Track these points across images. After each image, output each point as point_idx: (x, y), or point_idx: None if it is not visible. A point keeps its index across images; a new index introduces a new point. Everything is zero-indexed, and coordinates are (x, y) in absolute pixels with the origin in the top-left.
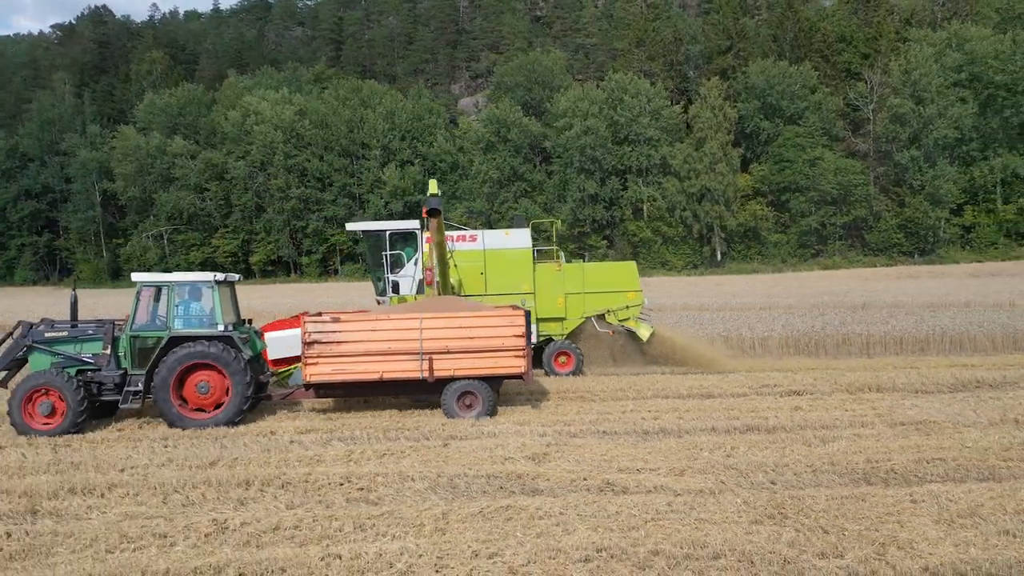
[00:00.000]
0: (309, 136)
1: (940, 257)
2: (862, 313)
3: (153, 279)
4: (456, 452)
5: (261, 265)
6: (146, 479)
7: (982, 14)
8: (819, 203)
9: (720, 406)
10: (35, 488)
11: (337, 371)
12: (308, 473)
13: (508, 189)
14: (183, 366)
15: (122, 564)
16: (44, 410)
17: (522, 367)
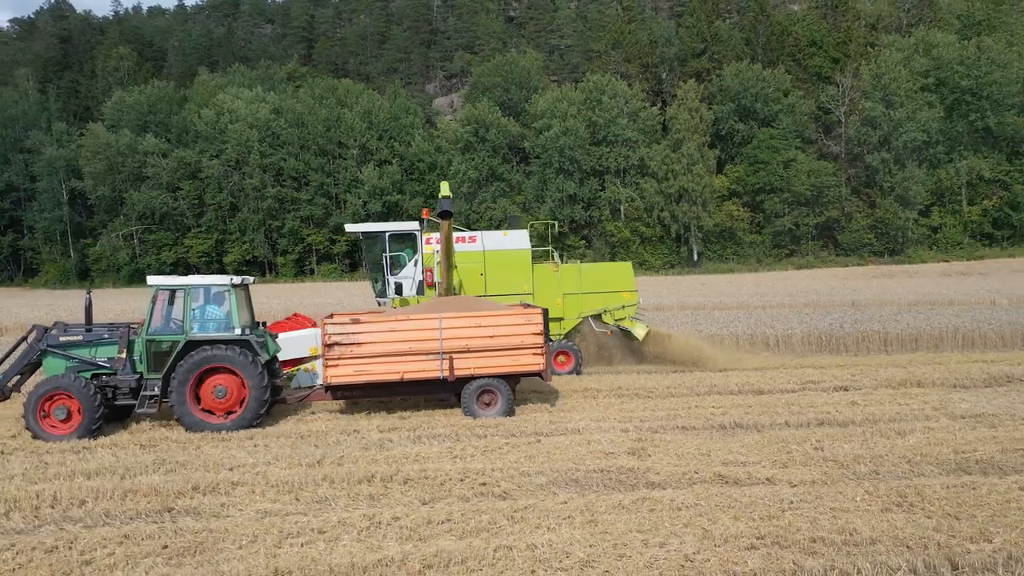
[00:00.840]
0: (285, 135)
1: (909, 257)
2: (856, 312)
3: (169, 282)
4: (553, 448)
5: (235, 265)
6: (265, 478)
7: (945, 21)
8: (793, 204)
9: (778, 402)
10: (160, 488)
11: (358, 372)
12: (422, 469)
13: (486, 189)
14: (200, 370)
15: (298, 558)
16: (60, 415)
17: (541, 365)
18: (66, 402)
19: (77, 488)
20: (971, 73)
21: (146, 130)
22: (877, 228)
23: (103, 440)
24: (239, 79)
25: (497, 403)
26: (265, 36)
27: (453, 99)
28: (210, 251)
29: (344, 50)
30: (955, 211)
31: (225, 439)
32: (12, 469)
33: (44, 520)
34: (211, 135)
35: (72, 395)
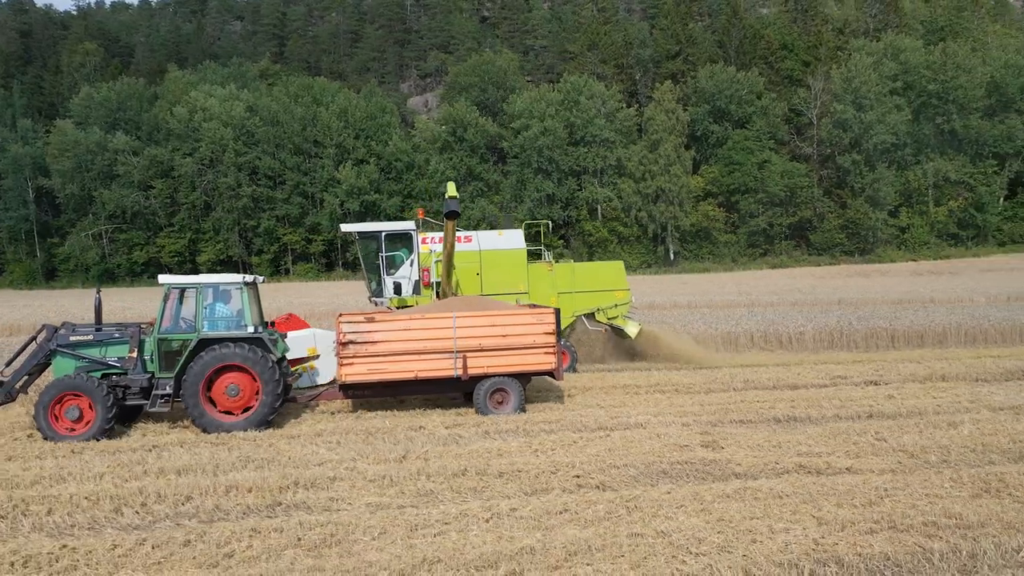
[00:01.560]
0: (260, 133)
1: (878, 256)
2: (845, 309)
3: (181, 281)
4: (625, 441)
5: (209, 265)
6: (357, 473)
7: (910, 26)
8: (767, 204)
9: (817, 396)
10: (259, 484)
11: (373, 371)
12: (511, 463)
13: (464, 189)
14: (213, 369)
15: (436, 548)
16: (72, 415)
17: (553, 363)
18: (78, 402)
19: (176, 485)
20: (937, 77)
21: (116, 127)
22: (848, 228)
23: (147, 439)
24: (211, 76)
25: (509, 401)
26: (234, 33)
27: (428, 98)
28: (183, 251)
29: (316, 48)
30: (922, 212)
31: (294, 436)
32: (96, 468)
33: (157, 516)
34: (184, 133)
35: (85, 395)
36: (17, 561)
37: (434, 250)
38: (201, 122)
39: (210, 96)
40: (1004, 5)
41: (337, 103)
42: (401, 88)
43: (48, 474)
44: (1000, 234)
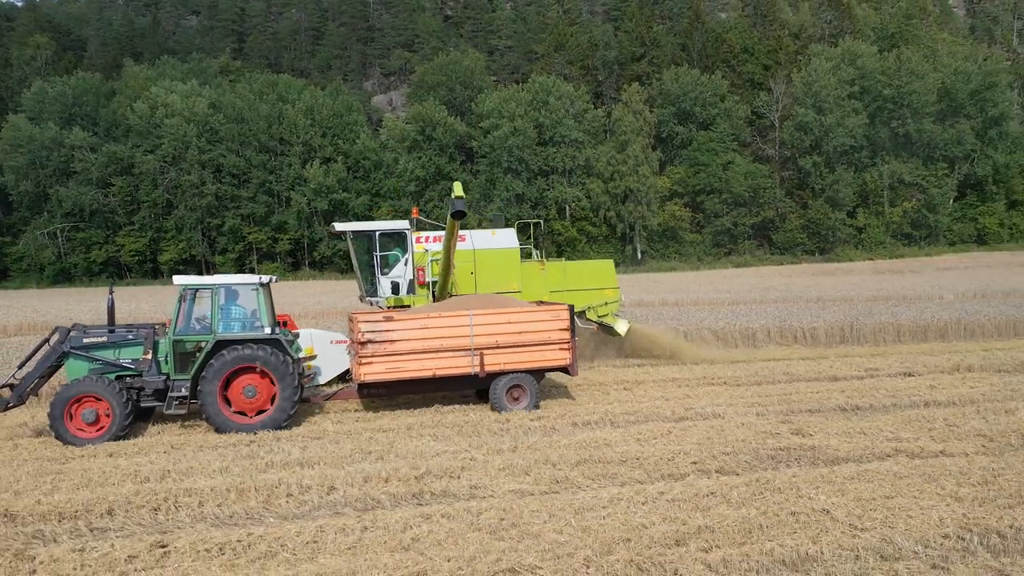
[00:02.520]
0: (224, 131)
1: (837, 256)
2: (830, 306)
3: (196, 282)
4: (716, 430)
5: (171, 265)
6: (483, 462)
7: (862, 33)
8: (731, 205)
9: (863, 387)
10: (392, 474)
11: (391, 370)
12: (625, 452)
13: (433, 188)
14: (230, 370)
15: (618, 528)
16: (88, 418)
17: (567, 359)
18: (94, 405)
19: (310, 476)
20: (892, 83)
21: (72, 123)
22: (809, 228)
23: (220, 437)
24: (170, 72)
25: (525, 397)
26: (190, 28)
27: (392, 97)
28: (144, 250)
29: (277, 44)
30: (878, 212)
31: (391, 430)
32: (218, 463)
33: (312, 505)
34: (145, 129)
35: (101, 398)
36: (211, 548)
37: (428, 249)
38: (163, 118)
39: (171, 92)
40: (948, 14)
41: (303, 100)
42: (364, 86)
43: (171, 468)
44: (951, 234)
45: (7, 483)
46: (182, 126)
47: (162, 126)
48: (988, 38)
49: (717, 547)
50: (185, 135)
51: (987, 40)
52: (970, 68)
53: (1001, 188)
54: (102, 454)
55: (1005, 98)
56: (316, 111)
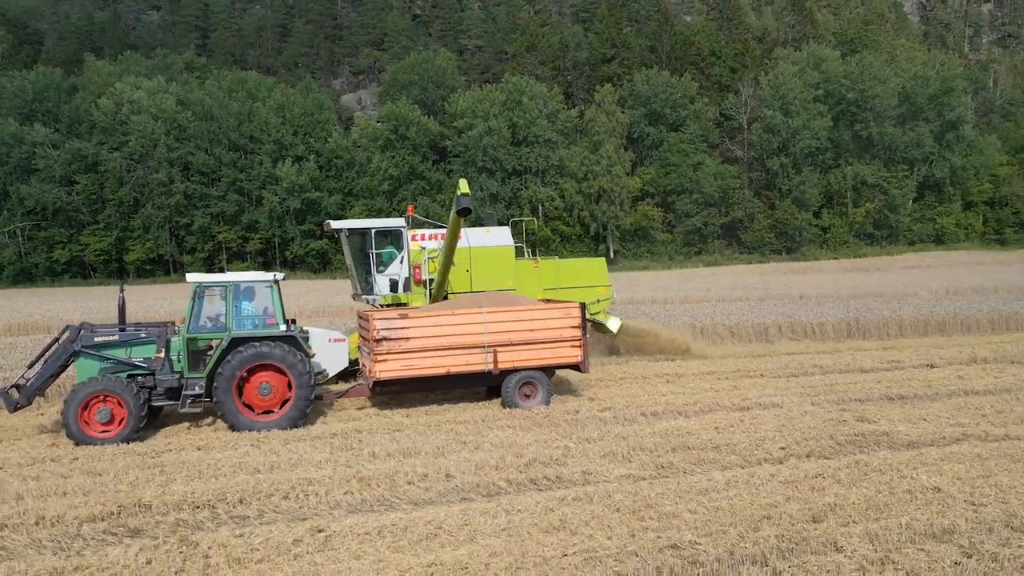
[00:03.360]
0: (193, 128)
1: (803, 255)
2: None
3: (210, 280)
4: (784, 418)
5: (138, 264)
6: (581, 451)
7: (823, 37)
8: (701, 205)
9: (895, 377)
10: (499, 463)
11: (406, 367)
12: (710, 439)
13: (407, 187)
14: (246, 368)
15: (749, 506)
16: (103, 417)
17: (579, 357)
18: (109, 404)
19: (421, 465)
20: (855, 87)
21: (33, 119)
22: (776, 228)
23: (291, 432)
24: (134, 68)
25: (537, 394)
26: (151, 23)
27: (361, 95)
28: (109, 249)
29: (242, 41)
30: (842, 213)
31: (465, 422)
32: (319, 455)
33: (438, 491)
34: (111, 126)
35: (116, 397)
36: (369, 532)
37: (424, 247)
38: (129, 115)
39: (137, 88)
40: (904, 20)
41: (273, 98)
42: (333, 84)
43: (276, 460)
44: (910, 233)
45: (118, 476)
46: (149, 123)
47: (128, 123)
48: (941, 44)
49: (854, 522)
50: (153, 132)
51: (940, 46)
52: (928, 73)
53: (957, 190)
54: (189, 447)
55: (961, 103)
56: (287, 109)
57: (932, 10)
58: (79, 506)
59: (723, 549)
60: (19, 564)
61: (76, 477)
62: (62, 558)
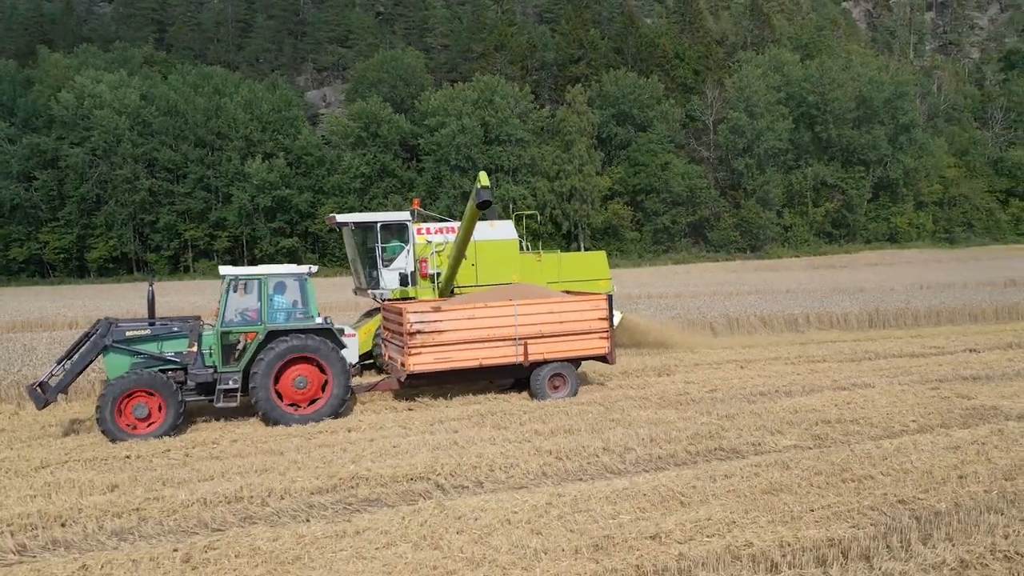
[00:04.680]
0: (158, 124)
1: (767, 253)
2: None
3: (244, 272)
4: (891, 396)
5: (100, 263)
6: (734, 426)
7: (780, 42)
8: (669, 204)
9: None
10: (658, 437)
11: (439, 360)
12: (837, 415)
13: (378, 185)
14: (283, 361)
15: (943, 465)
16: (140, 413)
17: (606, 348)
18: (145, 399)
19: (587, 441)
20: (815, 90)
21: None
22: (742, 227)
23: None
24: (92, 61)
25: (565, 386)
26: (105, 15)
27: (326, 92)
28: (69, 247)
29: (202, 36)
30: (803, 212)
31: (587, 403)
32: (485, 435)
33: (632, 461)
34: (71, 121)
35: (154, 392)
36: (620, 493)
37: (430, 241)
38: (92, 110)
39: (98, 82)
40: (853, 27)
41: (241, 94)
42: (297, 81)
43: (445, 440)
44: (866, 232)
45: (305, 455)
46: (112, 118)
47: (91, 118)
48: (887, 51)
49: None
50: (117, 127)
51: (887, 52)
52: (883, 78)
53: (910, 190)
54: (340, 429)
55: (914, 107)
56: (255, 105)
57: (878, 17)
58: (299, 480)
59: (948, 503)
60: (298, 529)
61: (258, 456)
62: (332, 523)
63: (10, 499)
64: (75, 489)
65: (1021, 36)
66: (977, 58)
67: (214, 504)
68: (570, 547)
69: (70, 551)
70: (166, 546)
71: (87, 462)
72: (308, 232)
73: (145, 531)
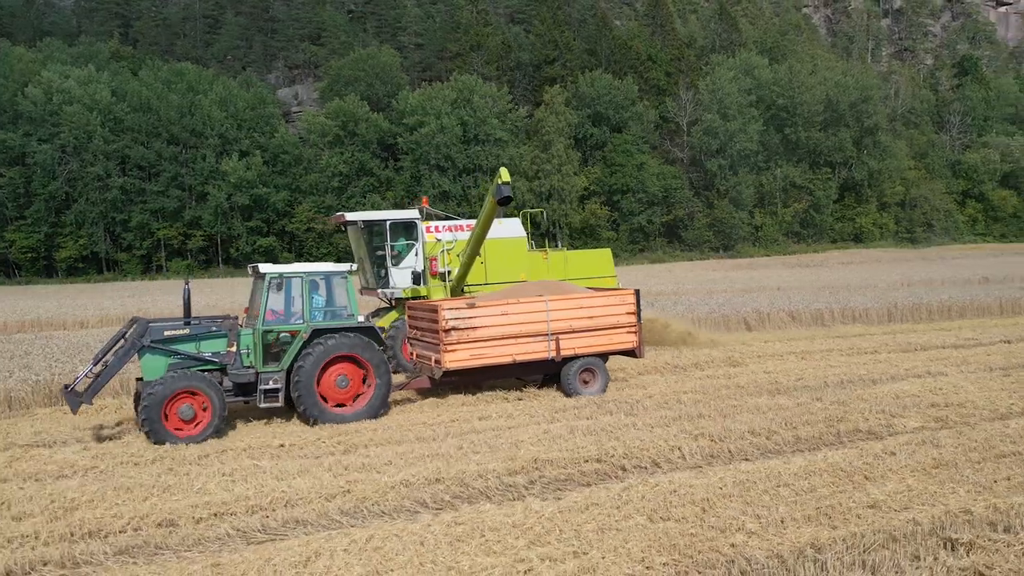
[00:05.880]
0: (130, 120)
1: (739, 252)
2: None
3: (285, 270)
4: (976, 383)
5: (70, 262)
6: (849, 411)
7: (747, 46)
8: (646, 204)
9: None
10: (788, 422)
11: (474, 356)
12: (940, 399)
13: (355, 184)
14: (327, 360)
15: None
16: (186, 415)
17: (634, 342)
18: (191, 400)
19: (710, 427)
20: (785, 93)
21: None
22: (715, 226)
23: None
24: (58, 55)
25: (595, 381)
26: (66, 8)
27: (298, 90)
28: (37, 246)
29: (169, 32)
30: (773, 212)
31: (683, 392)
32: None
33: (780, 442)
34: (40, 117)
35: (200, 393)
36: (779, 473)
37: (440, 239)
38: (61, 105)
39: (66, 78)
40: (814, 32)
41: (215, 92)
42: (268, 79)
43: (559, 433)
44: (832, 232)
45: (454, 446)
46: (83, 114)
47: (60, 113)
48: (847, 56)
49: None
50: (88, 124)
51: (846, 57)
52: (849, 82)
53: (874, 191)
54: (472, 418)
55: (878, 110)
56: (230, 102)
57: (837, 23)
58: (485, 464)
59: None
60: (529, 504)
61: (409, 443)
62: (547, 500)
63: (212, 484)
64: (269, 476)
65: (972, 43)
66: (931, 64)
67: (418, 486)
68: (802, 515)
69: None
70: (402, 523)
71: (251, 451)
72: (285, 231)
73: (372, 510)
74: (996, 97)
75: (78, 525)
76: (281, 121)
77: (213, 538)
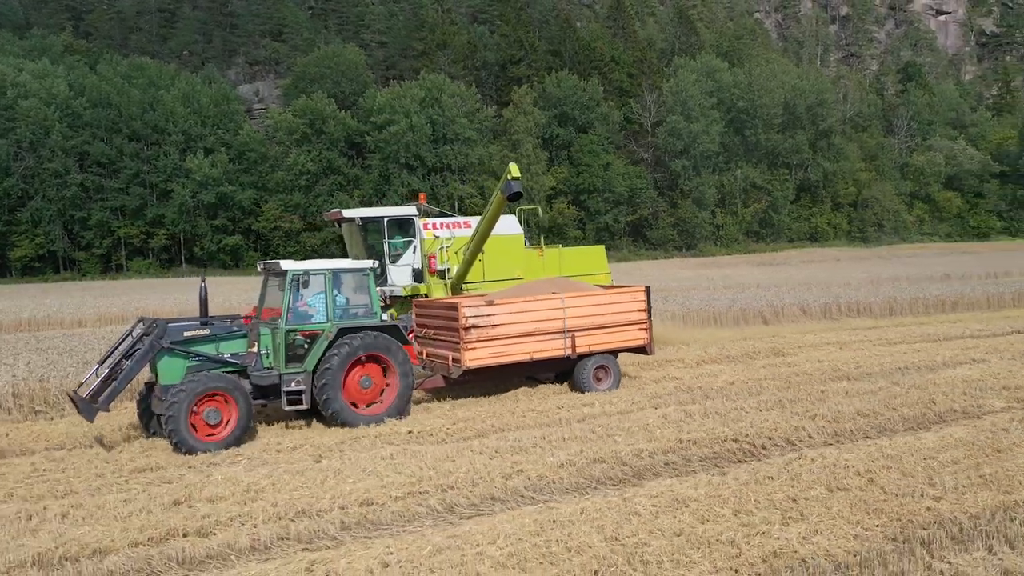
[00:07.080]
0: (88, 116)
1: (701, 251)
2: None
3: (307, 267)
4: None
5: (25, 261)
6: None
7: (705, 48)
8: (612, 203)
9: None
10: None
11: (493, 354)
12: (1009, 383)
13: (323, 182)
14: (353, 359)
15: None
16: (212, 419)
17: (646, 339)
18: (217, 404)
19: (787, 418)
20: (745, 96)
21: None
22: (679, 226)
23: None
24: (8, 48)
25: (608, 378)
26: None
27: (259, 87)
28: None
29: (123, 25)
30: (733, 212)
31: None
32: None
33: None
34: None
35: (228, 396)
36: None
37: (437, 236)
38: (16, 99)
39: (21, 71)
40: (766, 36)
41: (178, 87)
42: (227, 75)
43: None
44: (790, 231)
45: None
46: (40, 109)
47: (15, 108)
48: (797, 60)
49: None
50: (45, 119)
51: (796, 62)
52: (805, 86)
53: (828, 192)
54: (577, 406)
55: (831, 114)
56: (194, 99)
57: (788, 28)
58: (625, 446)
59: None
60: (708, 479)
61: (538, 429)
62: (713, 475)
63: (381, 467)
64: (426, 460)
65: (914, 50)
66: (876, 69)
67: (581, 465)
68: (969, 483)
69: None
70: (594, 498)
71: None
72: (251, 230)
73: (557, 486)
74: (939, 102)
75: (285, 505)
76: (245, 118)
77: (424, 513)
